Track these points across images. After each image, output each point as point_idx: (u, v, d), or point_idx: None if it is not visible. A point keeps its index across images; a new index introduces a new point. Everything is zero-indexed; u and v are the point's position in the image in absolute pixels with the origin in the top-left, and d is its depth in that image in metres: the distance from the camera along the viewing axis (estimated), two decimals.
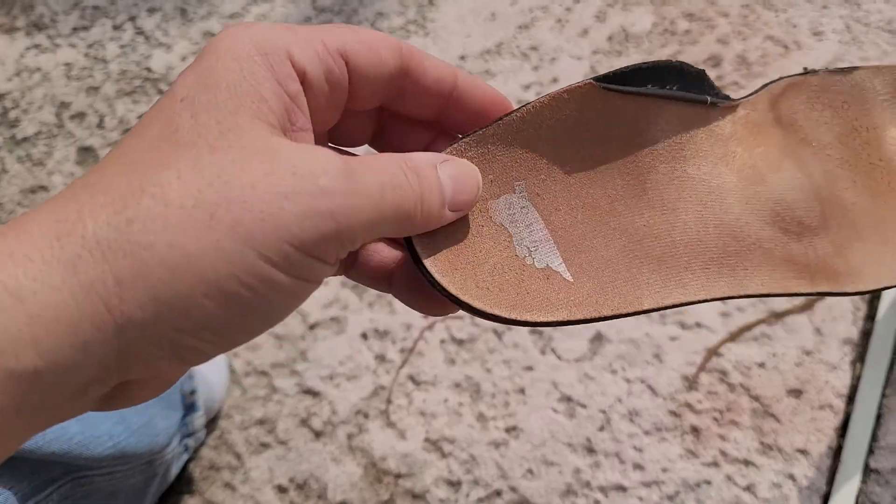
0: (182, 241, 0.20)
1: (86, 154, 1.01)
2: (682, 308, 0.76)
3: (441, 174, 0.25)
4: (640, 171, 0.30)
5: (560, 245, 0.29)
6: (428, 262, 0.27)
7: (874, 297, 0.75)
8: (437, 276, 0.27)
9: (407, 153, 0.25)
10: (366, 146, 0.30)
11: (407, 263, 0.28)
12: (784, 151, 0.32)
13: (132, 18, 1.11)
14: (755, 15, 0.92)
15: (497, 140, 0.28)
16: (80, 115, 1.04)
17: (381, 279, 0.29)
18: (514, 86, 0.93)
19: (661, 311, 0.76)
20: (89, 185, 0.21)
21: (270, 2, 1.09)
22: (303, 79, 0.24)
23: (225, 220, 0.20)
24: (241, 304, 0.21)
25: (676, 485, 0.69)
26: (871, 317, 0.74)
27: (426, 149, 0.29)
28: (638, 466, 0.71)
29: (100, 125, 1.02)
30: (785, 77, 0.33)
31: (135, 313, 0.20)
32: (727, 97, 0.31)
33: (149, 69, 1.06)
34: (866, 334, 0.73)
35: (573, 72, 0.92)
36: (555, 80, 0.92)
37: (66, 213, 0.20)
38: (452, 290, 0.27)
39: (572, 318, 0.28)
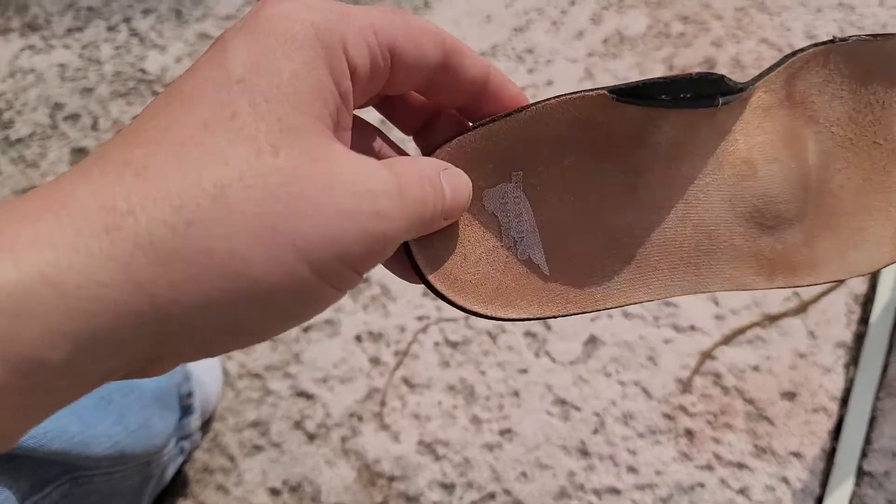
0: (242, 249, 0.20)
1: (80, 156, 1.00)
2: (677, 310, 0.76)
3: (443, 183, 0.26)
4: (637, 171, 0.30)
5: (544, 238, 0.29)
6: (416, 254, 0.28)
7: (868, 300, 0.75)
8: (424, 270, 0.28)
9: (414, 158, 0.26)
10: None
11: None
12: (784, 137, 0.32)
13: (127, 20, 1.11)
14: (749, 18, 0.92)
15: (503, 134, 0.28)
16: (74, 117, 1.04)
17: None
18: None
19: (655, 314, 0.76)
20: (134, 164, 0.20)
21: None
22: (353, 74, 0.23)
23: (287, 233, 0.20)
24: (284, 312, 0.21)
25: (670, 488, 0.69)
26: (864, 320, 0.74)
27: (429, 124, 0.29)
28: (632, 469, 0.71)
29: (94, 127, 1.02)
30: (811, 46, 0.32)
31: (182, 316, 0.19)
32: (745, 87, 0.30)
33: (143, 70, 1.06)
34: (860, 337, 0.73)
35: (568, 74, 0.92)
36: (549, 83, 0.92)
37: (113, 199, 0.19)
38: (438, 285, 0.28)
39: (542, 315, 0.29)
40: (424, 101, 0.29)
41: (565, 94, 0.28)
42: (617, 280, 0.30)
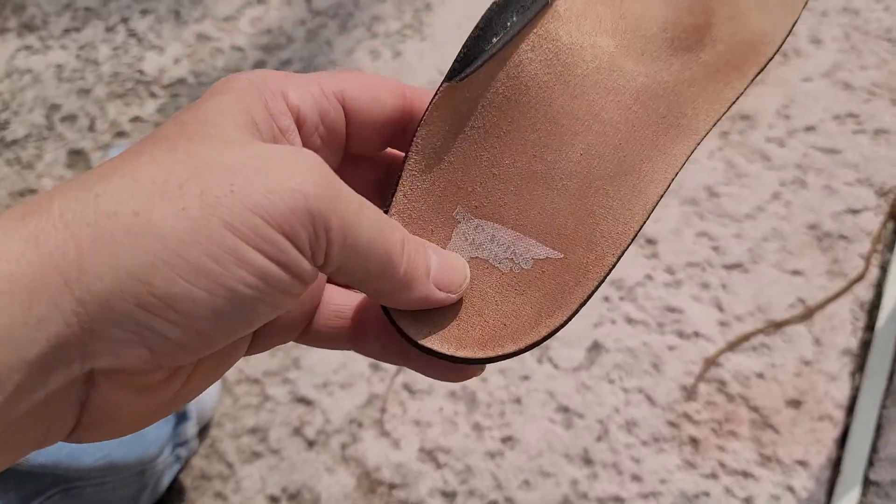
0: (147, 209, 0.19)
1: (76, 157, 0.99)
2: (681, 317, 0.76)
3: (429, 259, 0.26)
4: (542, 111, 0.28)
5: (531, 233, 0.28)
6: (427, 342, 0.26)
7: (874, 307, 0.74)
8: (446, 351, 0.26)
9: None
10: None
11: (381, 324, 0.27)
12: None
13: (125, 20, 1.10)
14: None
15: (414, 192, 0.27)
16: (70, 118, 1.03)
17: (341, 337, 0.28)
18: None
19: (659, 320, 0.75)
20: (65, 181, 0.21)
21: (265, 4, 1.09)
22: (297, 117, 0.24)
23: (193, 189, 0.20)
24: (205, 277, 0.20)
25: (674, 496, 0.69)
26: (870, 327, 0.73)
27: None
28: (636, 478, 0.70)
29: (91, 128, 1.01)
30: None
31: (94, 284, 0.19)
32: None
33: (141, 71, 1.05)
34: (866, 345, 0.73)
35: None
36: None
37: (36, 198, 0.20)
38: (464, 354, 0.26)
39: (592, 290, 0.27)
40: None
41: (424, 113, 0.27)
42: (619, 201, 0.27)
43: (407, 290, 0.25)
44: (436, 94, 0.27)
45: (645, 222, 0.27)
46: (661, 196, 0.27)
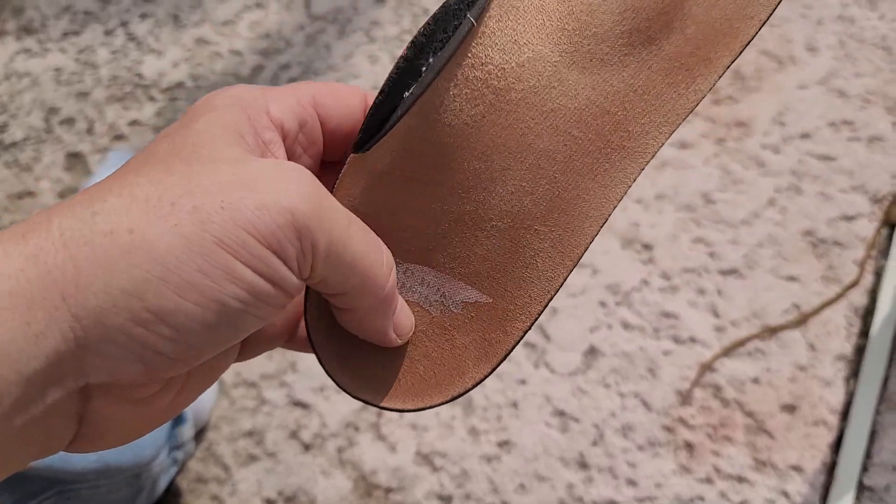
0: (142, 226, 0.20)
1: (74, 160, 0.99)
2: (677, 322, 0.76)
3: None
4: (469, 150, 0.25)
5: (460, 276, 0.27)
6: (359, 393, 0.26)
7: (868, 312, 0.75)
8: (377, 403, 0.26)
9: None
10: None
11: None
12: None
13: (124, 24, 1.11)
14: None
15: None
16: (69, 121, 1.03)
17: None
18: None
19: (655, 325, 0.76)
20: (65, 200, 0.22)
21: (264, 9, 1.09)
22: (279, 129, 0.25)
23: (185, 206, 0.20)
24: (197, 293, 0.20)
25: (670, 501, 0.69)
26: (864, 333, 0.74)
27: None
28: (631, 482, 0.70)
29: (89, 131, 1.01)
30: None
31: (89, 301, 0.19)
32: None
33: (140, 75, 1.05)
34: (860, 350, 0.73)
35: None
36: None
37: (36, 216, 0.21)
38: (392, 406, 0.26)
39: (517, 340, 0.26)
40: None
41: (334, 184, 0.26)
42: (552, 241, 0.26)
43: (378, 316, 0.25)
44: (344, 164, 0.26)
45: (579, 261, 0.26)
46: (598, 232, 0.26)
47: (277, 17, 1.08)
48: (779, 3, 0.26)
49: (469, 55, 0.25)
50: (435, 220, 0.26)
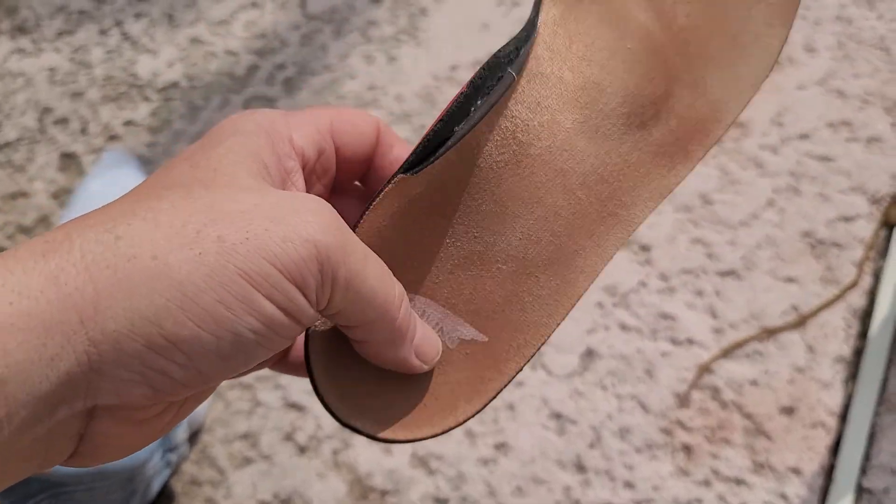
0: (165, 253, 0.20)
1: (68, 160, 0.99)
2: (674, 323, 0.75)
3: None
4: (490, 192, 0.28)
5: (461, 312, 0.28)
6: (350, 420, 0.26)
7: (867, 314, 0.74)
8: (368, 431, 0.26)
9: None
10: None
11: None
12: (601, 23, 0.29)
13: (118, 23, 1.10)
14: None
15: None
16: (63, 121, 1.02)
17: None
18: None
19: (653, 326, 0.75)
20: (81, 217, 0.22)
21: (259, 8, 1.08)
22: (300, 157, 0.26)
23: (210, 235, 0.20)
24: (215, 323, 0.20)
25: (667, 503, 0.68)
26: (863, 334, 0.73)
27: None
28: (628, 485, 0.70)
29: (83, 131, 1.01)
30: None
31: (107, 325, 0.19)
32: (527, 29, 0.28)
33: (135, 75, 1.05)
34: (858, 352, 0.73)
35: None
36: None
37: (54, 234, 0.21)
38: (382, 436, 0.26)
39: (508, 380, 0.27)
40: None
41: (372, 200, 0.27)
42: (549, 291, 0.28)
43: (394, 347, 0.26)
44: (389, 181, 0.27)
45: (570, 312, 0.28)
46: (588, 288, 0.28)
47: (273, 17, 1.07)
48: (743, 110, 0.30)
49: (504, 108, 0.28)
50: (447, 255, 0.28)
